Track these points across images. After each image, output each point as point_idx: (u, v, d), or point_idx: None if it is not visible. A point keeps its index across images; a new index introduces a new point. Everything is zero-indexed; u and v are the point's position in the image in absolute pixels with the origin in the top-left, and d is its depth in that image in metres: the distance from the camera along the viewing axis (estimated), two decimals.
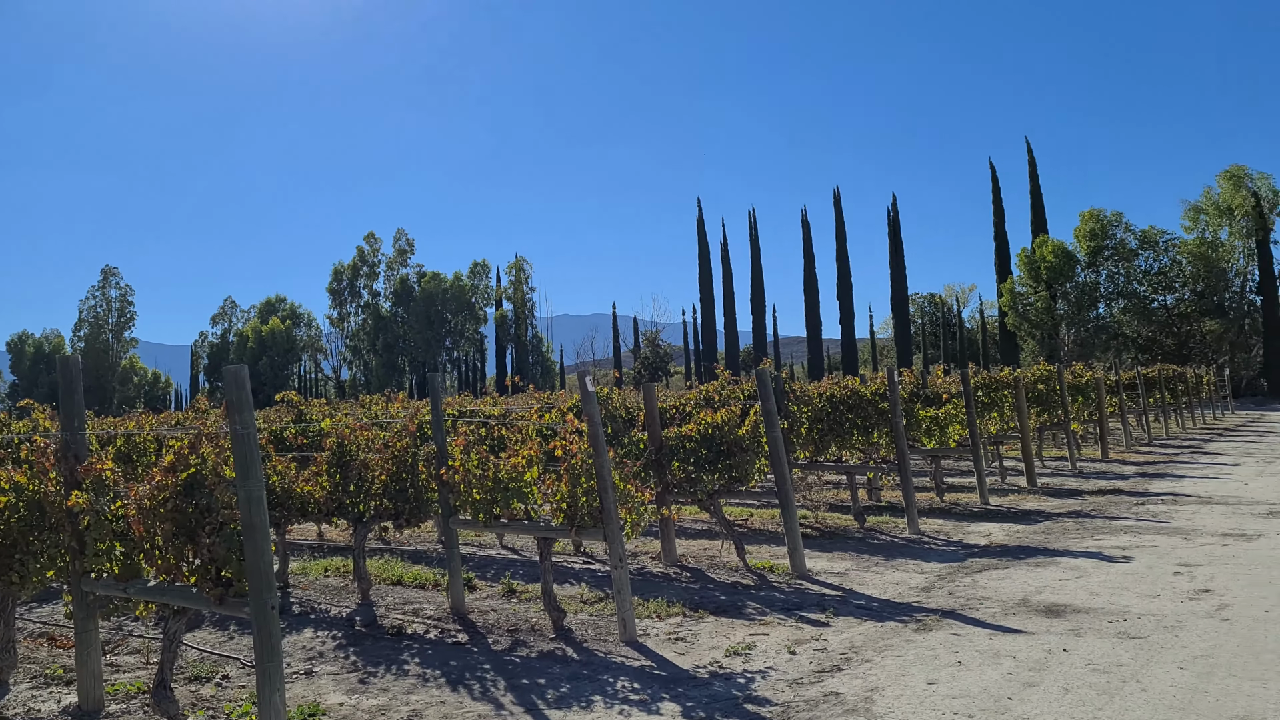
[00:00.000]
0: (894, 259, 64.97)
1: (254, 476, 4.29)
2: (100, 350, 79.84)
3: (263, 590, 4.26)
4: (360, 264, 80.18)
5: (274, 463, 8.38)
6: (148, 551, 4.67)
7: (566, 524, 6.47)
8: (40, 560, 5.22)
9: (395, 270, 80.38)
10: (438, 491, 7.24)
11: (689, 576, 8.28)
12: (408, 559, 9.67)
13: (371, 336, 78.21)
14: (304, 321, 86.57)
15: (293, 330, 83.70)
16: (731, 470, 8.41)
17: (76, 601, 5.13)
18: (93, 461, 5.06)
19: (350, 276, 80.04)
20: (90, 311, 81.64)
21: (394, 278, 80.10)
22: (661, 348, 65.58)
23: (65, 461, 5.05)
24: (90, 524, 4.87)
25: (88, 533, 4.88)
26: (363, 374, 79.66)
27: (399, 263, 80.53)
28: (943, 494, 12.23)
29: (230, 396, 4.35)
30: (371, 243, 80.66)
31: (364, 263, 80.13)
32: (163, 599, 4.72)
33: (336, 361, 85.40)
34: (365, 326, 79.17)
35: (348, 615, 7.26)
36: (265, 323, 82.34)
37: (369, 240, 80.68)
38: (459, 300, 78.14)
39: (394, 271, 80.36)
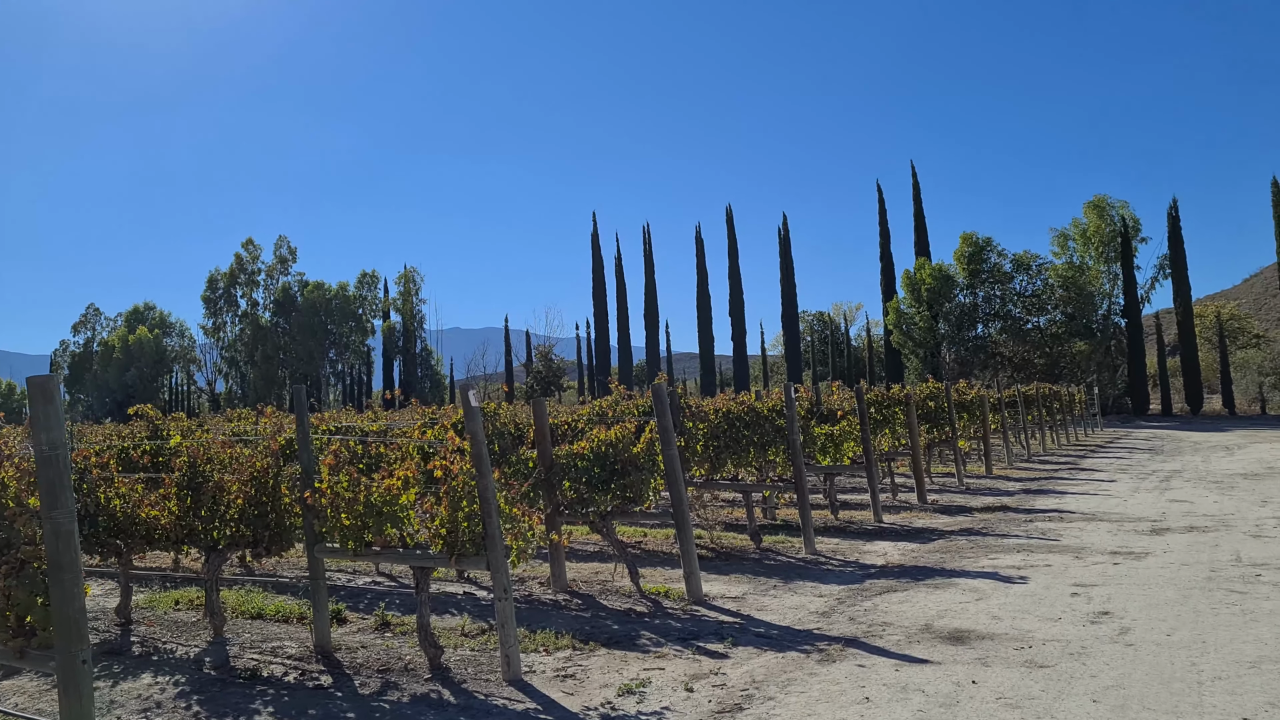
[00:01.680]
0: (784, 277, 66.32)
1: (62, 506, 3.61)
2: None
3: (72, 640, 3.58)
4: (238, 271, 76.20)
5: (117, 484, 7.49)
6: None
7: (446, 552, 5.91)
8: None
9: (276, 279, 76.74)
10: (302, 517, 6.55)
11: (580, 604, 7.81)
12: (274, 589, 8.84)
13: (250, 348, 74.35)
14: (175, 331, 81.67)
15: (163, 340, 78.84)
16: (626, 490, 8.01)
17: None
18: None
19: (227, 284, 75.95)
20: None
21: (275, 287, 76.48)
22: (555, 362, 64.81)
23: None
24: None
25: None
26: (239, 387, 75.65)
27: (280, 271, 76.94)
28: (837, 512, 12.17)
29: (36, 412, 3.65)
30: (250, 249, 76.81)
31: (242, 270, 76.18)
32: None
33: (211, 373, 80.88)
34: (243, 337, 75.21)
35: (196, 656, 6.47)
36: (133, 331, 77.21)
37: (248, 247, 76.81)
38: (345, 311, 75.20)
39: (274, 280, 76.71)
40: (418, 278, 77.56)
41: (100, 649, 6.75)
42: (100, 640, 7.02)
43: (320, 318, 74.31)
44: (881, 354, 65.37)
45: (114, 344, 76.62)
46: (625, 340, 70.75)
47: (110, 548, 7.36)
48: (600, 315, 71.55)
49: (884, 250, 59.17)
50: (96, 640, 7.02)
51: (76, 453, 7.68)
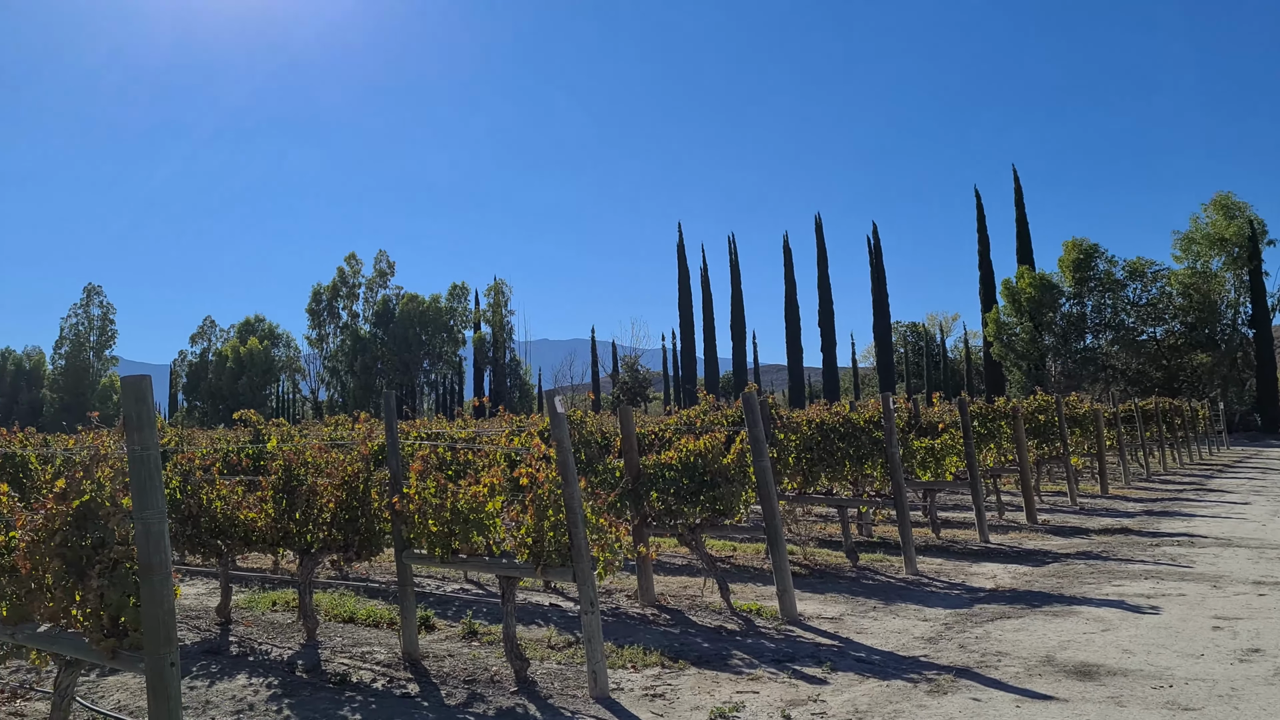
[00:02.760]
0: (876, 287, 64.84)
1: (153, 506, 3.59)
2: (81, 368, 78.27)
3: (160, 644, 3.55)
4: (340, 285, 79.15)
5: (218, 487, 7.66)
6: (35, 592, 3.94)
7: (532, 561, 5.77)
8: None
9: (375, 291, 79.39)
10: (391, 522, 6.53)
11: (668, 619, 7.58)
12: (365, 593, 8.90)
13: (350, 357, 77.01)
14: (283, 342, 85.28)
15: (271, 350, 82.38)
16: (715, 502, 7.74)
17: None
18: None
19: (330, 297, 78.96)
20: (72, 329, 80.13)
21: (373, 299, 79.11)
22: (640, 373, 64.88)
23: None
24: None
25: None
26: (340, 395, 78.40)
27: (379, 284, 79.57)
28: (939, 530, 11.59)
29: (129, 412, 3.65)
30: (352, 264, 79.73)
31: (344, 284, 79.10)
32: (52, 648, 3.99)
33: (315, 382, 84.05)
34: (344, 347, 77.97)
35: (289, 658, 6.50)
36: (244, 342, 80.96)
37: (350, 261, 79.75)
38: (437, 322, 77.12)
39: (373, 293, 79.37)
40: (506, 289, 79.03)
41: (200, 648, 6.88)
42: (201, 639, 7.15)
43: (415, 329, 76.43)
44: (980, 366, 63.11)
45: (227, 354, 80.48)
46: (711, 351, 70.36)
47: (211, 548, 7.52)
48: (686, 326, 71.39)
49: (983, 258, 57.17)
50: (197, 639, 7.16)
51: (182, 455, 7.90)
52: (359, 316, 79.47)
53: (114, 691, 5.79)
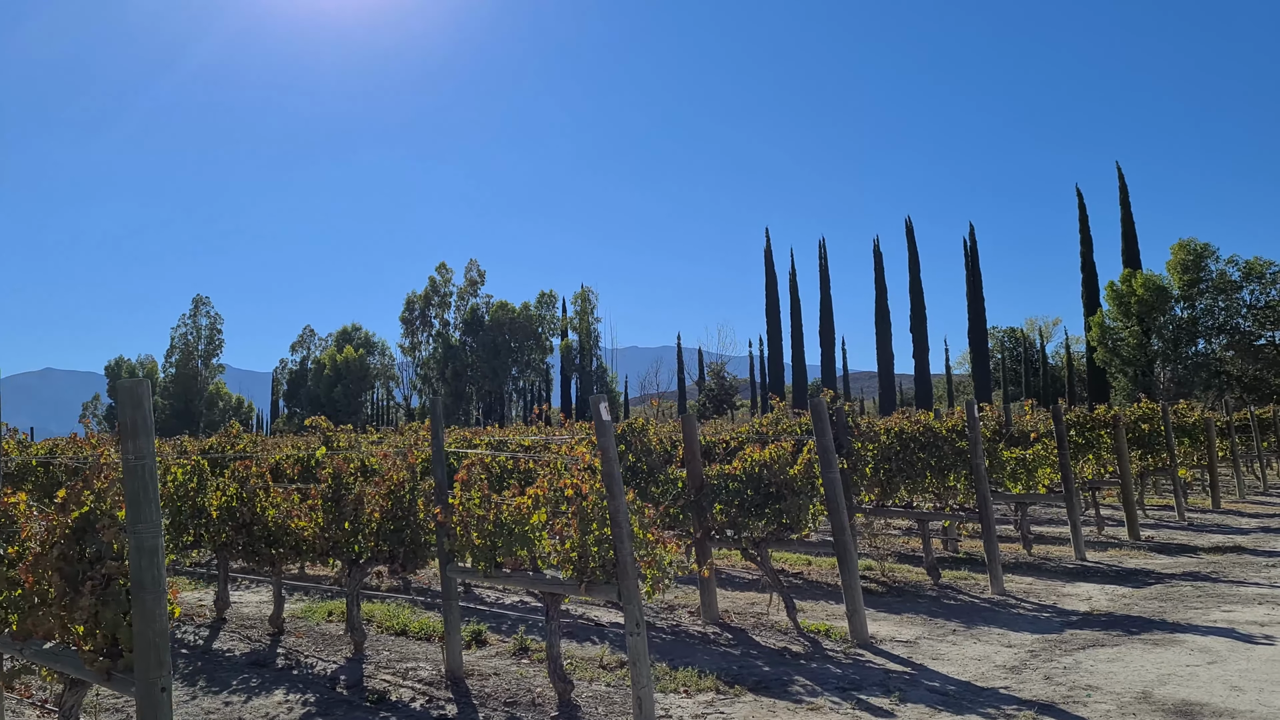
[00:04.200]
0: (971, 291, 62.51)
1: (146, 520, 3.39)
2: (190, 375, 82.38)
3: (151, 667, 3.34)
4: (432, 293, 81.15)
5: (272, 494, 7.60)
6: (38, 606, 3.80)
7: (575, 578, 5.43)
8: None
9: (465, 300, 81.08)
10: (435, 533, 6.29)
11: (730, 639, 7.13)
12: (422, 605, 8.73)
13: (441, 365, 78.79)
14: (378, 350, 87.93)
15: (366, 358, 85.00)
16: (781, 515, 7.27)
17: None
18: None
19: (422, 306, 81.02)
20: (181, 338, 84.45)
21: (464, 307, 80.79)
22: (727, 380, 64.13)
23: None
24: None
25: None
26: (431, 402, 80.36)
27: (469, 292, 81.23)
28: (1030, 546, 10.77)
29: (124, 418, 3.46)
30: (443, 273, 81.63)
31: (435, 292, 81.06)
32: (55, 665, 3.84)
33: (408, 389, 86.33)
34: (435, 355, 79.85)
35: (332, 673, 6.33)
36: (341, 350, 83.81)
37: (441, 270, 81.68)
38: (526, 330, 78.19)
39: (464, 301, 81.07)
40: (593, 297, 79.50)
41: (248, 659, 6.79)
42: (250, 649, 7.07)
43: (504, 336, 77.66)
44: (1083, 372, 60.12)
45: (325, 362, 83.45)
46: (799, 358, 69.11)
47: (264, 556, 7.45)
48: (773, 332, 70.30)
49: (1085, 260, 54.43)
50: (246, 649, 7.08)
51: (239, 463, 7.87)
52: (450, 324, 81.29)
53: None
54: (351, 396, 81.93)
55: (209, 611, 8.40)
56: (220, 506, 7.69)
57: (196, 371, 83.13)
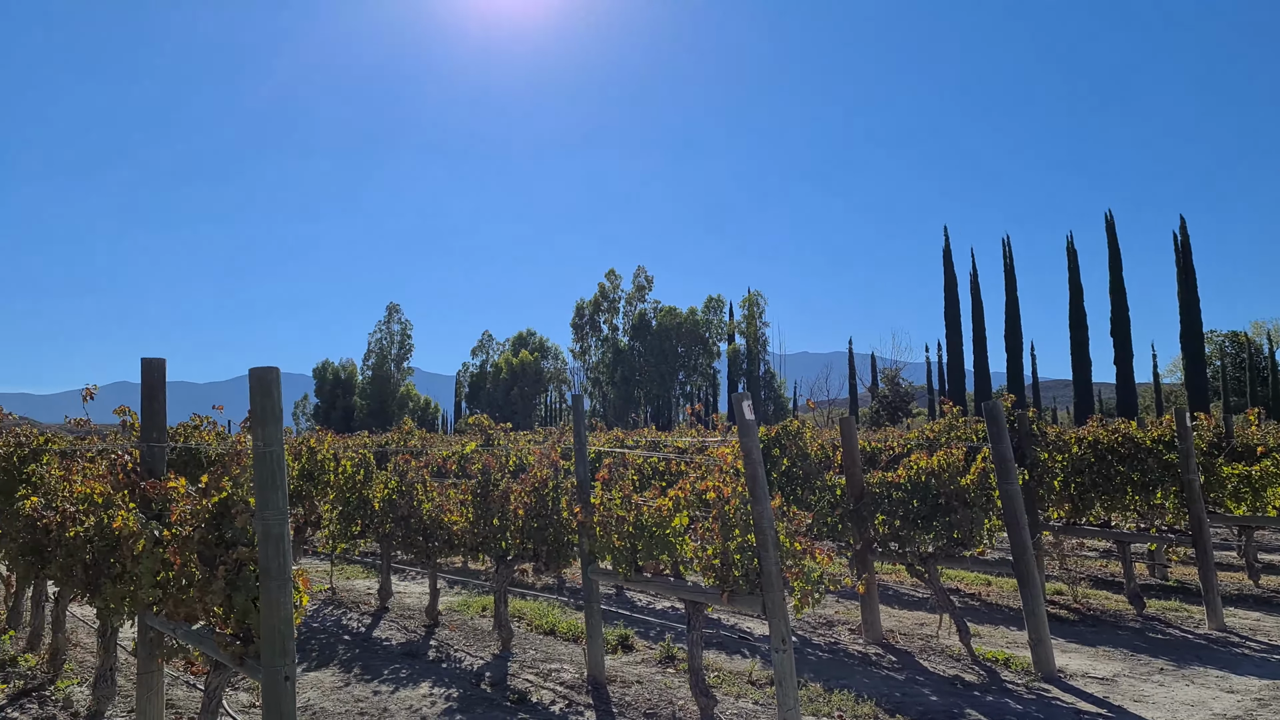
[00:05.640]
0: (1184, 291, 56.73)
1: (274, 507, 3.37)
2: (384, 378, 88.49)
3: (275, 655, 3.31)
4: (601, 299, 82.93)
5: (429, 489, 7.75)
6: (184, 588, 3.91)
7: (717, 586, 5.10)
8: (118, 586, 4.67)
9: (633, 305, 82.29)
10: (578, 533, 6.14)
11: (894, 661, 6.55)
12: (573, 606, 8.65)
13: (610, 369, 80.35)
14: (551, 354, 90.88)
15: (540, 362, 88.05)
16: (951, 529, 6.61)
17: (140, 636, 4.51)
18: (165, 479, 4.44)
19: (591, 311, 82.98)
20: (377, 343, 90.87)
21: (632, 313, 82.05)
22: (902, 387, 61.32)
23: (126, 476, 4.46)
24: (144, 550, 4.21)
25: (141, 560, 4.23)
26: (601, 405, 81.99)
27: (637, 298, 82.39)
28: (1257, 577, 9.36)
29: (254, 405, 3.47)
30: (612, 279, 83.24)
31: (604, 298, 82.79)
32: (199, 646, 3.93)
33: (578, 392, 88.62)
34: (604, 359, 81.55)
35: (478, 669, 6.31)
36: (516, 355, 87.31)
37: (609, 277, 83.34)
38: (693, 334, 78.33)
39: (632, 307, 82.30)
40: (761, 301, 78.53)
41: (402, 649, 6.91)
42: (405, 640, 7.20)
43: (671, 341, 78.19)
44: None
45: (502, 365, 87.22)
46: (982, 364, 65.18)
47: (420, 548, 7.59)
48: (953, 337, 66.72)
49: None
50: (403, 639, 7.22)
51: (401, 457, 8.09)
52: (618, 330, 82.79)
53: (307, 689, 5.87)
54: (526, 399, 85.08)
55: (374, 600, 8.69)
56: (382, 498, 7.92)
57: (389, 374, 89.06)
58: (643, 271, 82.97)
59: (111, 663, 5.27)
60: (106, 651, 5.25)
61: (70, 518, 4.77)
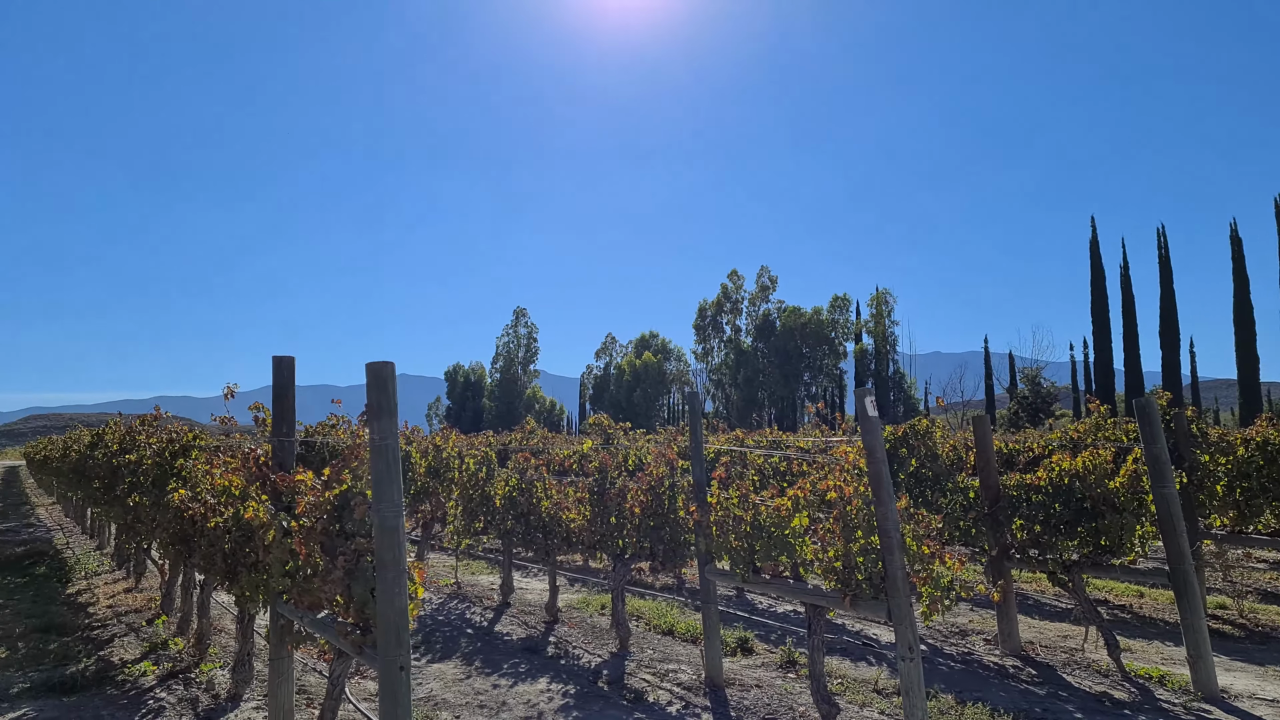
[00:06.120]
0: None
1: (389, 500, 3.43)
2: (511, 380, 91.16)
3: (391, 645, 3.36)
4: (724, 300, 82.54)
5: (547, 486, 7.82)
6: (310, 578, 4.04)
7: (839, 590, 4.89)
8: (253, 574, 4.90)
9: (757, 306, 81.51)
10: (694, 533, 6.04)
11: (1033, 675, 6.13)
12: (691, 606, 8.55)
13: (733, 370, 79.86)
14: (673, 356, 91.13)
15: (663, 364, 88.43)
16: (1098, 535, 6.13)
17: (272, 623, 4.70)
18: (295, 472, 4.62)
19: (714, 312, 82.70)
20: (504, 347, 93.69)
21: (755, 313, 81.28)
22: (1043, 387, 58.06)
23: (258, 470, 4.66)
24: (274, 540, 4.39)
25: (271, 550, 4.41)
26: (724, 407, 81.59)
27: (760, 299, 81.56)
28: None
29: (371, 399, 3.54)
30: (735, 280, 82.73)
31: (727, 299, 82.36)
32: (323, 634, 4.05)
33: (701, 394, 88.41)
34: (727, 361, 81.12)
35: (596, 666, 6.30)
36: (639, 356, 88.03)
37: (732, 278, 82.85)
38: (818, 335, 76.84)
39: (755, 307, 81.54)
40: (889, 299, 76.20)
41: (522, 644, 6.99)
42: (526, 635, 7.29)
43: (795, 342, 77.00)
44: None
45: (625, 367, 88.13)
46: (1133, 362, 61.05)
47: (539, 545, 7.67)
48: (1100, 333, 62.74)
49: None
50: (523, 634, 7.30)
51: (520, 454, 8.21)
52: (741, 330, 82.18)
53: (429, 681, 6.01)
54: (649, 400, 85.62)
55: (497, 595, 8.86)
56: (503, 496, 8.06)
57: (516, 376, 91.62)
58: (766, 271, 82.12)
59: (249, 648, 5.54)
60: (244, 637, 5.53)
61: (211, 509, 5.04)
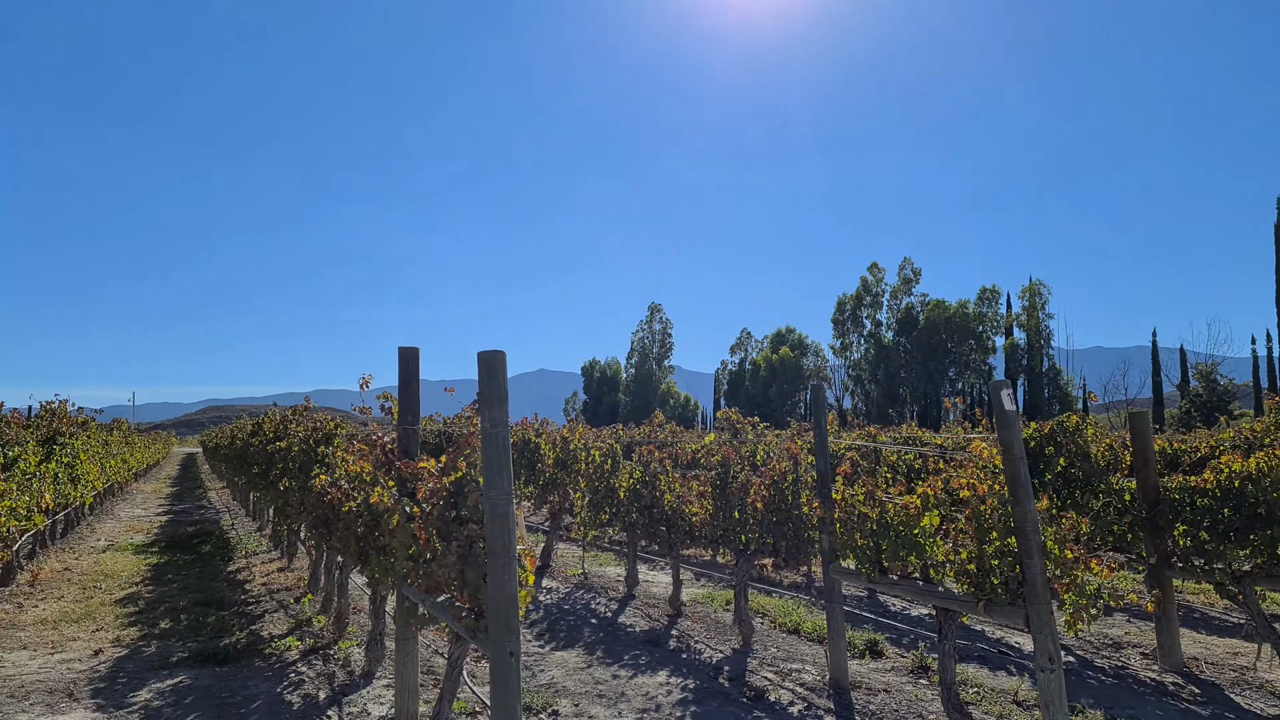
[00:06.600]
0: None
1: (499, 487, 3.46)
2: (646, 375, 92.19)
3: (501, 631, 3.39)
4: (863, 294, 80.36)
5: (670, 479, 7.79)
6: (429, 561, 4.15)
7: (972, 594, 4.60)
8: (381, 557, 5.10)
9: (899, 299, 78.91)
10: (818, 530, 5.84)
11: (1196, 694, 5.60)
12: (819, 605, 8.31)
13: (873, 366, 77.64)
14: (810, 351, 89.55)
15: (800, 359, 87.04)
16: (1274, 544, 5.51)
17: (398, 605, 4.87)
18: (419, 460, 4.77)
19: (853, 306, 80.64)
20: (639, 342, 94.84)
21: (897, 307, 78.70)
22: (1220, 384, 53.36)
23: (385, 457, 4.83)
24: (398, 524, 4.54)
25: (395, 534, 4.56)
26: (863, 403, 79.44)
27: (903, 291, 78.90)
28: None
29: (482, 388, 3.59)
30: (875, 273, 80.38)
31: (867, 292, 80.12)
32: (441, 617, 4.15)
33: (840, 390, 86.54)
34: (866, 356, 78.94)
35: (717, 662, 6.21)
36: (775, 352, 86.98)
37: (873, 270, 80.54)
38: (964, 329, 73.51)
39: (897, 301, 78.96)
40: (1044, 291, 72.00)
41: (644, 636, 6.98)
42: (649, 627, 7.28)
43: (940, 336, 74.05)
44: None
45: (760, 363, 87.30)
46: None
47: (662, 538, 7.65)
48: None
49: None
50: (646, 627, 7.30)
51: (645, 448, 8.21)
52: (882, 325, 79.77)
53: (551, 668, 6.08)
54: (785, 396, 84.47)
55: (621, 587, 8.91)
56: (627, 488, 8.09)
57: (651, 372, 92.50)
58: (909, 263, 79.39)
59: (381, 628, 5.77)
60: (376, 618, 5.77)
61: (345, 494, 5.28)
